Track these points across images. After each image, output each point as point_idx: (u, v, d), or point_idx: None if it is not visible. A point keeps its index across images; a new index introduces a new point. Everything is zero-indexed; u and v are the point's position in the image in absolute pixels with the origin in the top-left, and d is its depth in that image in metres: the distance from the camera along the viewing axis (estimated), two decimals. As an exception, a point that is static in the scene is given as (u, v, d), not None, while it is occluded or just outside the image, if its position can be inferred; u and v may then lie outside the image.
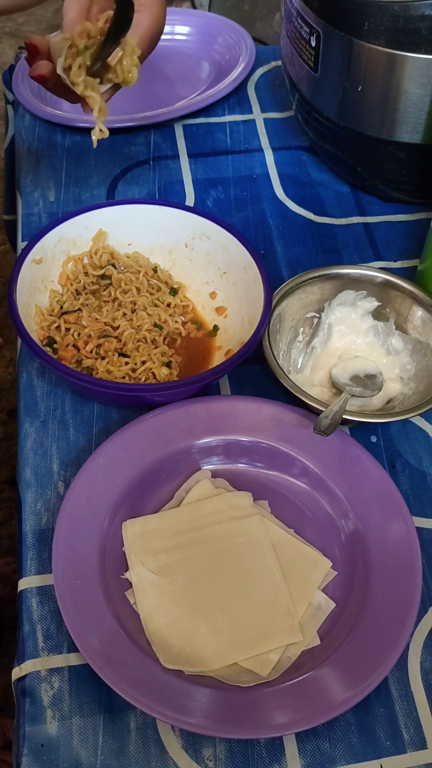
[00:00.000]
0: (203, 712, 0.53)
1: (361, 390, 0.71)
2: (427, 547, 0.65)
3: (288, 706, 0.54)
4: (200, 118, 1.00)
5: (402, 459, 0.71)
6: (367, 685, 0.55)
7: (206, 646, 0.58)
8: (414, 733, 0.57)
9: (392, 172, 0.85)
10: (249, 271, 0.74)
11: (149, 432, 0.66)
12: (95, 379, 0.68)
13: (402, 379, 0.74)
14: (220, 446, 0.68)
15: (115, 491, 0.63)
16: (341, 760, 0.56)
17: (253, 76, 1.07)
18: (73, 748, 0.55)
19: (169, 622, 0.59)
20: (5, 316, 1.80)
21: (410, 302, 0.74)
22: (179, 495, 0.66)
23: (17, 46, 2.50)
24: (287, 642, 0.58)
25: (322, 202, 0.92)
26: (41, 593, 0.61)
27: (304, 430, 0.67)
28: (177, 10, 1.13)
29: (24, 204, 0.89)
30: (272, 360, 0.68)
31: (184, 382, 0.65)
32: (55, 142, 0.96)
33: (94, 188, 0.91)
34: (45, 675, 0.58)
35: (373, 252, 0.87)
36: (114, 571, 0.61)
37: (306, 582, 0.61)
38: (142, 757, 0.55)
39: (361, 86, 0.77)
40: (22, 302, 0.70)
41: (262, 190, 0.93)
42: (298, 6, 0.79)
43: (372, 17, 0.72)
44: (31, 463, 0.68)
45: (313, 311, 0.76)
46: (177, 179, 0.93)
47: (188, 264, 0.80)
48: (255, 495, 0.66)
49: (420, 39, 0.71)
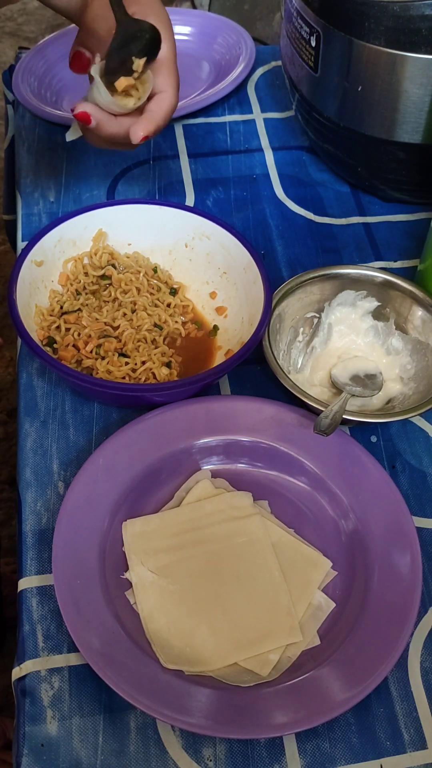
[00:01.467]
0: (203, 712, 0.53)
1: (361, 390, 0.71)
2: (427, 547, 0.65)
3: (288, 706, 0.54)
4: (200, 118, 1.00)
5: (402, 459, 0.71)
6: (367, 685, 0.55)
7: (206, 646, 0.58)
8: (414, 733, 0.57)
9: (392, 172, 0.85)
10: (249, 271, 0.74)
11: (149, 432, 0.66)
12: (95, 379, 0.68)
13: (402, 379, 0.74)
14: (220, 446, 0.68)
15: (115, 491, 0.63)
16: (341, 760, 0.56)
17: (253, 76, 1.06)
18: (73, 748, 0.55)
19: (169, 622, 0.59)
20: (5, 316, 1.80)
21: (410, 302, 0.74)
22: (179, 495, 0.66)
23: (17, 46, 2.50)
24: (287, 642, 0.58)
25: (322, 202, 0.92)
26: (41, 593, 0.61)
27: (304, 430, 0.67)
28: (177, 10, 1.13)
29: (24, 204, 0.89)
30: (272, 360, 0.68)
31: (184, 382, 0.65)
32: (55, 142, 0.96)
33: (94, 188, 0.91)
34: (45, 675, 0.58)
35: (373, 252, 0.87)
36: (114, 571, 0.61)
37: (306, 582, 0.61)
38: (142, 757, 0.55)
39: (361, 86, 0.77)
40: (22, 302, 0.70)
41: (262, 190, 0.93)
42: (298, 6, 0.79)
43: (372, 17, 0.72)
44: (31, 463, 0.68)
45: (313, 311, 0.76)
46: (177, 179, 0.93)
47: (188, 264, 0.80)
48: (255, 495, 0.66)
49: (420, 39, 0.71)
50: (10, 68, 1.05)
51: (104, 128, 0.66)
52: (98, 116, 0.66)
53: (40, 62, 1.03)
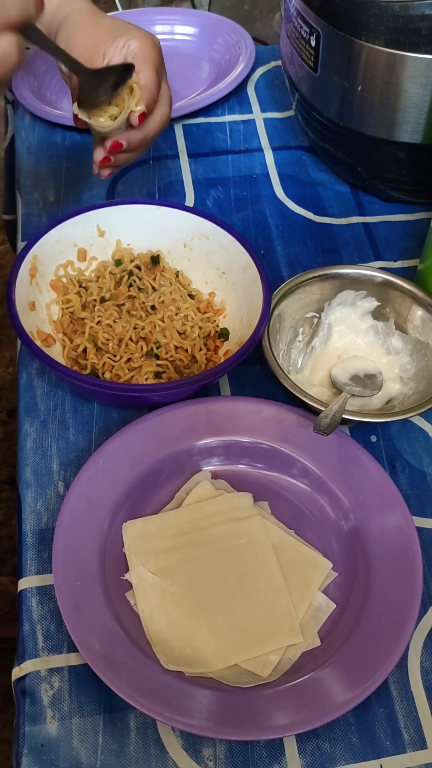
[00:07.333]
0: (204, 714, 0.53)
1: (361, 390, 0.71)
2: (427, 547, 0.65)
3: (288, 707, 0.54)
4: (200, 117, 1.00)
5: (402, 459, 0.71)
6: (367, 687, 0.55)
7: (207, 647, 0.58)
8: (414, 733, 0.57)
9: (392, 172, 0.85)
10: (248, 271, 0.74)
11: (149, 433, 0.66)
12: (95, 379, 0.68)
13: (402, 378, 0.74)
14: (220, 447, 0.68)
15: (115, 492, 0.63)
16: (341, 760, 0.56)
17: (252, 76, 1.06)
18: (73, 748, 0.55)
19: (170, 623, 0.59)
20: (5, 316, 1.80)
21: (410, 302, 0.74)
22: (179, 496, 0.66)
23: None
24: (288, 643, 0.58)
25: (322, 202, 0.92)
26: (41, 593, 0.61)
27: (304, 430, 0.67)
28: (177, 10, 1.13)
29: (24, 204, 0.89)
30: (272, 360, 0.68)
31: (184, 382, 0.65)
32: (55, 142, 0.96)
33: (94, 188, 0.91)
34: (45, 675, 0.58)
35: (373, 252, 0.87)
36: (114, 572, 0.61)
37: (306, 583, 0.61)
38: (142, 757, 0.55)
39: (361, 86, 0.77)
40: (21, 302, 0.70)
41: (262, 190, 0.93)
42: (298, 6, 0.79)
43: (372, 17, 0.72)
44: (31, 463, 0.68)
45: (312, 311, 0.76)
46: (177, 179, 0.93)
47: (187, 264, 0.80)
48: (255, 496, 0.66)
49: (420, 39, 0.71)
50: (10, 68, 1.05)
51: (132, 142, 0.69)
52: (122, 137, 0.69)
53: (40, 62, 1.03)
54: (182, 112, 0.97)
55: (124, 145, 0.69)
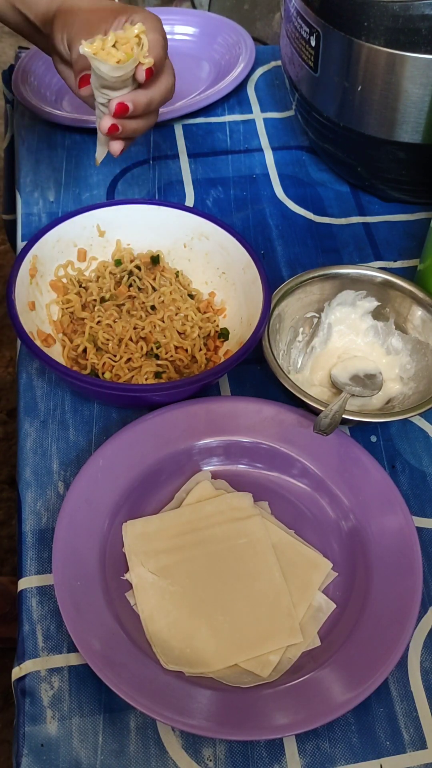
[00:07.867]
0: (204, 714, 0.53)
1: (361, 390, 0.71)
2: (427, 547, 0.65)
3: (288, 707, 0.54)
4: (200, 117, 1.00)
5: (402, 459, 0.71)
6: (367, 687, 0.55)
7: (207, 647, 0.58)
8: (414, 733, 0.57)
9: (392, 172, 0.85)
10: (248, 271, 0.74)
11: (149, 433, 0.66)
12: (95, 379, 0.68)
13: (402, 378, 0.74)
14: (220, 447, 0.68)
15: (115, 492, 0.63)
16: (341, 759, 0.56)
17: (252, 76, 1.06)
18: (72, 748, 0.55)
19: (170, 623, 0.59)
20: (5, 316, 1.80)
21: (410, 302, 0.74)
22: (179, 496, 0.66)
23: (17, 45, 2.49)
24: (288, 643, 0.58)
25: (322, 202, 0.92)
26: (41, 593, 0.61)
27: (304, 430, 0.67)
28: (177, 10, 1.13)
29: (24, 204, 0.89)
30: (272, 360, 0.68)
31: (184, 382, 0.65)
32: (55, 142, 0.96)
33: (94, 188, 0.91)
34: (45, 675, 0.58)
35: (372, 252, 0.87)
36: (114, 572, 0.61)
37: (306, 583, 0.61)
38: (142, 757, 0.55)
39: (361, 86, 0.77)
40: (21, 302, 0.70)
41: (261, 190, 0.93)
42: (298, 6, 0.79)
43: (372, 17, 0.72)
44: (31, 463, 0.68)
45: (312, 311, 0.76)
46: (177, 179, 0.93)
47: (187, 264, 0.80)
48: (255, 496, 0.66)
49: (420, 39, 0.71)
50: (10, 68, 1.05)
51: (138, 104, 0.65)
52: (126, 98, 0.64)
53: (40, 62, 1.03)
54: (182, 112, 0.96)
55: (130, 107, 0.64)
